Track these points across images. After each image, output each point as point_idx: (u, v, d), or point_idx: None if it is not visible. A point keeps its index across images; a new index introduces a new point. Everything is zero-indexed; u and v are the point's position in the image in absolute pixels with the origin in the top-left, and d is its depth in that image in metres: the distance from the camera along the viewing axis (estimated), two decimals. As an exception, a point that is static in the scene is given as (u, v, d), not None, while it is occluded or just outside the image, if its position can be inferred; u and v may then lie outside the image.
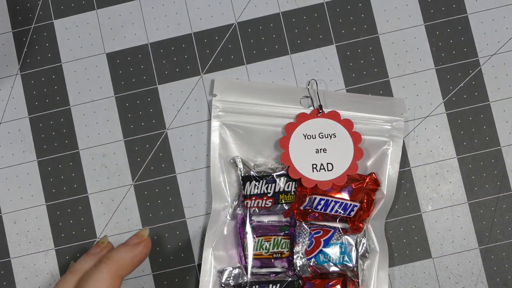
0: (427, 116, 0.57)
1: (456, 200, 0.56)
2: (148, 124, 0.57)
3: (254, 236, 0.54)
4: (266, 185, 0.53)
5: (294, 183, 0.54)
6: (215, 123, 0.56)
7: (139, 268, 0.56)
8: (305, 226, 0.54)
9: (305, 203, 0.54)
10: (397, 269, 0.56)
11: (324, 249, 0.53)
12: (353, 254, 0.53)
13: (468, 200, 0.56)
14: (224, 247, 0.55)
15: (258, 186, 0.53)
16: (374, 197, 0.54)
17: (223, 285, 0.54)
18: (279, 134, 0.55)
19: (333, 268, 0.53)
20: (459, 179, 0.56)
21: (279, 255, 0.54)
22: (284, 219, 0.55)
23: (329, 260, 0.53)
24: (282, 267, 0.54)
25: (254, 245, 0.54)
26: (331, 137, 0.54)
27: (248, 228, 0.54)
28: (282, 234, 0.54)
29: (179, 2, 0.58)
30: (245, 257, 0.54)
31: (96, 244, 0.49)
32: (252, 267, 0.53)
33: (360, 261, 0.54)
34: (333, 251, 0.53)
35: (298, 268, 0.53)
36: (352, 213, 0.54)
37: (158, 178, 0.57)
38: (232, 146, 0.56)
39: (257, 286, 0.53)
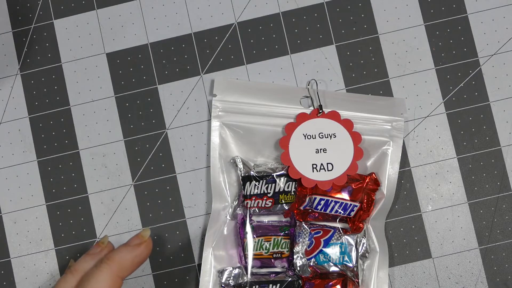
0: (427, 116, 0.57)
1: (456, 200, 0.56)
2: (148, 124, 0.57)
3: (254, 236, 0.54)
4: (266, 185, 0.53)
5: (294, 183, 0.54)
6: (215, 123, 0.56)
7: (139, 268, 0.56)
8: (305, 226, 0.54)
9: (305, 203, 0.54)
10: (397, 269, 0.56)
11: (324, 249, 0.53)
12: (353, 254, 0.53)
13: (468, 200, 0.56)
14: (224, 247, 0.55)
15: (258, 186, 0.53)
16: (374, 197, 0.54)
17: (223, 285, 0.54)
18: (279, 134, 0.55)
19: (333, 268, 0.53)
20: (459, 179, 0.56)
21: (279, 255, 0.54)
22: (284, 219, 0.55)
23: (329, 260, 0.53)
24: (282, 267, 0.54)
25: (254, 245, 0.54)
26: (331, 137, 0.54)
27: (248, 228, 0.54)
28: (282, 234, 0.54)
29: (179, 2, 0.58)
30: (245, 257, 0.54)
31: (96, 244, 0.49)
32: (252, 267, 0.53)
33: (360, 261, 0.54)
34: (333, 251, 0.53)
35: (298, 268, 0.53)
36: (352, 213, 0.54)
37: (158, 178, 0.57)
38: (232, 146, 0.56)
39: (257, 286, 0.53)
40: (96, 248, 0.49)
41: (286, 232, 0.54)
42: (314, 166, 0.53)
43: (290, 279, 0.53)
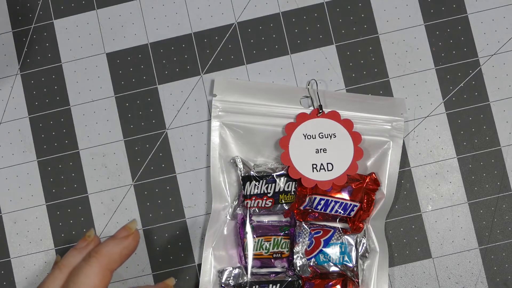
0: (427, 116, 0.57)
1: (456, 200, 0.56)
2: (148, 124, 0.57)
3: (254, 236, 0.54)
4: (266, 185, 0.53)
5: (294, 183, 0.54)
6: (215, 123, 0.56)
7: (139, 268, 0.56)
8: (305, 226, 0.54)
9: (305, 203, 0.54)
10: (397, 269, 0.56)
11: (324, 249, 0.53)
12: (353, 254, 0.53)
13: (468, 200, 0.56)
14: (224, 247, 0.55)
15: (258, 186, 0.53)
16: (374, 197, 0.54)
17: (223, 285, 0.54)
18: (279, 134, 0.55)
19: (333, 268, 0.53)
20: (459, 179, 0.56)
21: (279, 255, 0.54)
22: (284, 219, 0.55)
23: (329, 260, 0.53)
24: (282, 267, 0.54)
25: (254, 245, 0.54)
26: (331, 137, 0.54)
27: (248, 228, 0.54)
28: (282, 234, 0.54)
29: (179, 2, 0.58)
30: (245, 257, 0.54)
31: (83, 238, 0.48)
32: (252, 267, 0.53)
33: (360, 261, 0.54)
34: (333, 251, 0.53)
35: (298, 268, 0.53)
36: (352, 213, 0.54)
37: (158, 178, 0.57)
38: (232, 146, 0.56)
39: (257, 286, 0.53)
40: (82, 242, 0.47)
41: (286, 232, 0.54)
42: (314, 166, 0.53)
43: (290, 279, 0.53)
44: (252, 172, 0.54)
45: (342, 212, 0.54)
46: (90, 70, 0.58)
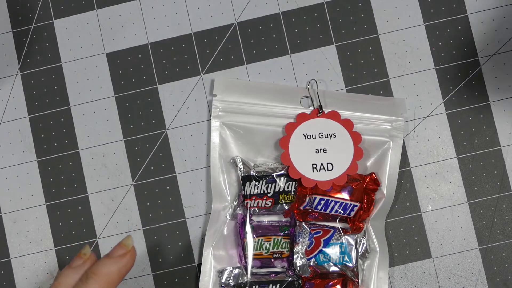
0: (427, 116, 0.57)
1: (456, 200, 0.56)
2: (148, 124, 0.57)
3: (254, 236, 0.54)
4: (266, 185, 0.53)
5: (294, 183, 0.54)
6: (215, 123, 0.56)
7: (139, 268, 0.56)
8: (305, 226, 0.54)
9: (305, 203, 0.54)
10: (397, 269, 0.56)
11: (324, 249, 0.53)
12: (353, 254, 0.53)
13: (468, 200, 0.56)
14: (224, 247, 0.55)
15: (258, 186, 0.53)
16: (374, 197, 0.54)
17: (223, 285, 0.54)
18: (279, 134, 0.55)
19: (333, 268, 0.53)
20: (459, 179, 0.56)
21: (279, 255, 0.54)
22: (284, 219, 0.55)
23: (329, 260, 0.53)
24: (282, 267, 0.54)
25: (254, 245, 0.54)
26: (331, 137, 0.54)
27: (248, 228, 0.54)
28: (282, 234, 0.54)
29: (179, 2, 0.58)
30: (245, 257, 0.54)
31: (78, 256, 0.46)
32: (252, 267, 0.53)
33: (360, 261, 0.54)
34: (333, 251, 0.53)
35: (298, 268, 0.53)
36: (352, 213, 0.54)
37: (158, 178, 0.57)
38: (232, 146, 0.56)
39: (257, 286, 0.53)
40: (78, 261, 0.46)
41: (286, 232, 0.54)
42: (314, 166, 0.53)
43: (290, 279, 0.53)
44: (252, 172, 0.54)
45: (342, 212, 0.54)
46: (90, 70, 0.58)
